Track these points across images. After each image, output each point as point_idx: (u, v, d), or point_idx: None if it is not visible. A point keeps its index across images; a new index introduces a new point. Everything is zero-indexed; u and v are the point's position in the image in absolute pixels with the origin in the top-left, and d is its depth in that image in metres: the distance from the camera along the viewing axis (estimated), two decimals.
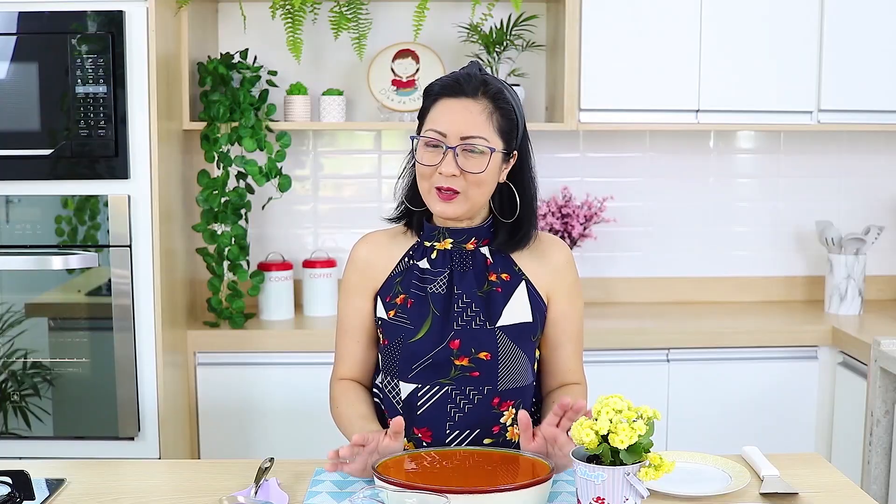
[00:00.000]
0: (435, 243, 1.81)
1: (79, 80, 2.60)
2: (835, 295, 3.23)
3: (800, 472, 1.72)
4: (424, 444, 1.78)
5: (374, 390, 1.90)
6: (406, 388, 1.79)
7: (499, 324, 1.77)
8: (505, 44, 3.09)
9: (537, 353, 1.87)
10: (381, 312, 1.82)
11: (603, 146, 3.39)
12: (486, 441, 1.77)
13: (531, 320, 1.79)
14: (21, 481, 1.58)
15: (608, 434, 1.39)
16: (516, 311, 1.78)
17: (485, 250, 1.81)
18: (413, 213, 1.85)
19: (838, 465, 2.86)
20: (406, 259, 1.83)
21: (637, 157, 3.40)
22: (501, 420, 1.79)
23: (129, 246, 2.66)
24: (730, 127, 3.21)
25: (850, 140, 3.42)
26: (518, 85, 3.11)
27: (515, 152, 1.78)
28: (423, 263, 1.81)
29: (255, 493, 1.57)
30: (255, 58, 3.13)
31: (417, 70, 3.17)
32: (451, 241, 1.80)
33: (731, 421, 2.99)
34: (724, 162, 3.43)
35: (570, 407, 1.59)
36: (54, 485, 1.65)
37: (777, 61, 3.05)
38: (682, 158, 3.41)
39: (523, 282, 1.81)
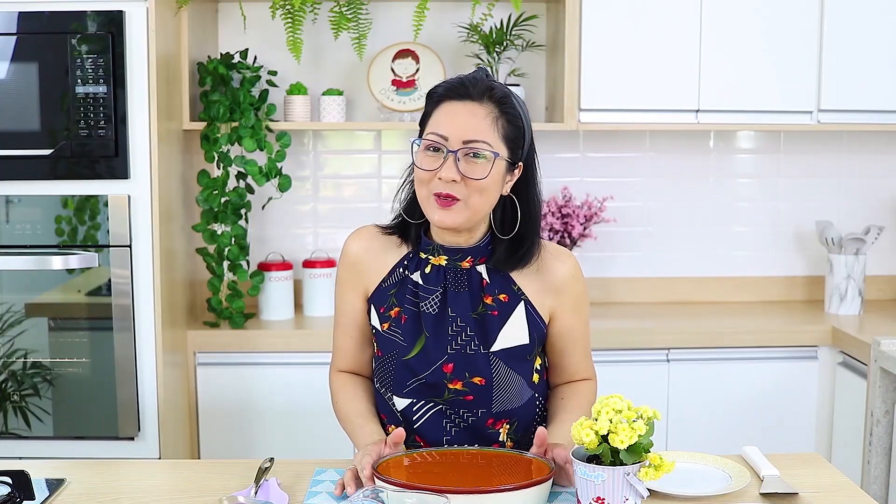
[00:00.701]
0: (430, 256, 1.74)
1: (79, 80, 2.60)
2: (835, 295, 3.23)
3: (800, 472, 1.72)
4: None
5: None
6: (401, 403, 1.76)
7: (494, 348, 1.71)
8: (505, 44, 3.09)
9: (538, 361, 1.82)
10: (375, 322, 1.77)
11: (603, 146, 3.39)
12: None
13: (527, 342, 1.74)
14: (21, 481, 1.58)
15: (608, 434, 1.39)
16: (512, 333, 1.72)
17: (481, 269, 1.73)
18: (410, 226, 1.77)
19: (838, 465, 2.86)
20: (400, 269, 1.76)
21: (637, 157, 3.40)
22: (500, 439, 1.77)
23: (129, 246, 2.66)
24: (730, 127, 3.21)
25: (850, 140, 3.42)
26: (518, 85, 3.11)
27: (521, 164, 1.71)
28: (416, 277, 1.74)
29: (255, 493, 1.57)
30: (255, 58, 3.13)
31: (417, 70, 3.17)
32: (447, 258, 1.73)
33: (731, 421, 2.99)
34: (724, 162, 3.43)
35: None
36: (54, 485, 1.65)
37: (777, 61, 3.05)
38: (682, 158, 3.41)
39: (522, 302, 1.73)
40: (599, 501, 1.40)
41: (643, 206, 3.41)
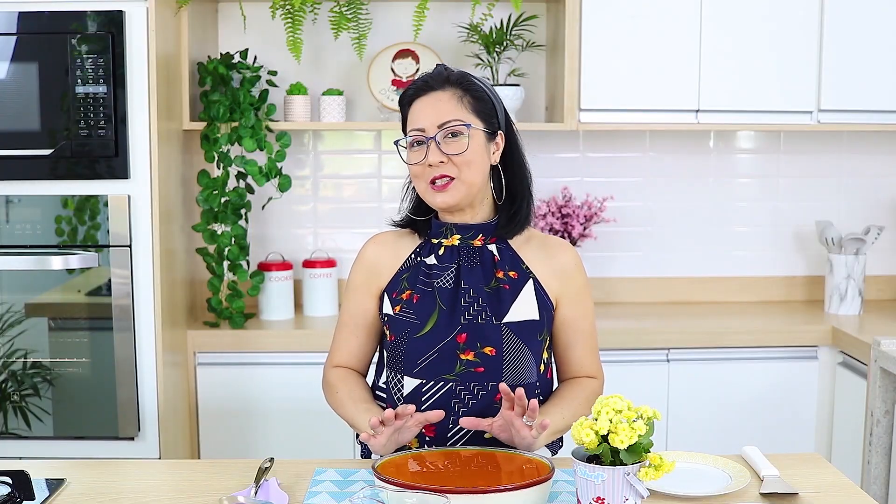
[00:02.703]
0: (443, 240, 1.84)
1: (79, 80, 2.60)
2: (835, 295, 3.22)
3: (800, 472, 1.72)
4: (427, 438, 1.79)
5: (378, 391, 1.90)
6: (410, 384, 1.79)
7: (505, 320, 1.78)
8: (505, 44, 3.09)
9: (545, 355, 1.87)
10: (388, 309, 1.84)
11: (603, 146, 3.39)
12: (487, 436, 1.77)
13: (538, 318, 1.81)
14: (21, 481, 1.58)
15: (608, 434, 1.39)
16: (523, 308, 1.80)
17: (492, 247, 1.84)
18: (418, 221, 1.89)
19: (838, 465, 2.86)
20: (413, 256, 1.86)
21: (637, 157, 3.40)
22: None
23: (129, 246, 2.66)
24: (730, 127, 3.21)
25: (850, 140, 3.42)
26: (518, 85, 3.11)
27: (501, 133, 1.83)
28: (431, 259, 1.84)
29: (255, 493, 1.57)
30: (255, 58, 3.13)
31: (417, 70, 3.17)
32: (459, 237, 1.83)
33: (731, 421, 2.99)
34: (724, 162, 3.43)
35: (517, 398, 1.63)
36: (54, 485, 1.65)
37: (777, 61, 3.05)
38: (682, 158, 3.41)
39: (531, 280, 1.83)
40: (599, 501, 1.40)
41: (643, 206, 3.41)
